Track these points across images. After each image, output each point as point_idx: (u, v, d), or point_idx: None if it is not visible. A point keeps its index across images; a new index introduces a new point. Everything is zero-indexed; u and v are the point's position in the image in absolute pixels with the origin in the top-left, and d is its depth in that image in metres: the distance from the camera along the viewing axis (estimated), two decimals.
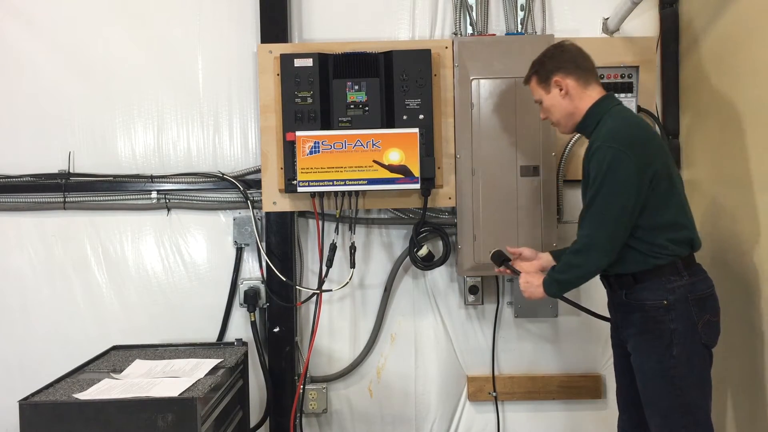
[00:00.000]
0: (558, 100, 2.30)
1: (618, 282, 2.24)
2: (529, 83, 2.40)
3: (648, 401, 2.21)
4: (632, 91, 2.88)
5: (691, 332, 2.13)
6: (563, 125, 2.35)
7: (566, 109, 2.30)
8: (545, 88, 2.32)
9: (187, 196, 3.09)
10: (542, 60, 2.35)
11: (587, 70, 2.30)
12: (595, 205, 2.16)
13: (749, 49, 2.44)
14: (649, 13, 3.03)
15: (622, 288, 2.23)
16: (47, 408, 2.10)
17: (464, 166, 2.86)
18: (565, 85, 2.28)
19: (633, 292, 2.19)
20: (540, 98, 2.36)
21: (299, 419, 3.06)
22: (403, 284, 3.14)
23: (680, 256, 2.16)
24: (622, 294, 2.23)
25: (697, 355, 2.15)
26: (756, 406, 2.48)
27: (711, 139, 2.72)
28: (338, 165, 2.74)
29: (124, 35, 3.08)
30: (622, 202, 2.11)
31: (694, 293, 2.15)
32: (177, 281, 3.13)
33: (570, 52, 2.31)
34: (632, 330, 2.23)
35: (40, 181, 3.07)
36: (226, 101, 3.11)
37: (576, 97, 2.28)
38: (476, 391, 3.12)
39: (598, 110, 2.26)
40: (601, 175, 2.12)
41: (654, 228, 2.15)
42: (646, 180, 2.12)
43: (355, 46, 2.89)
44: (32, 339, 3.10)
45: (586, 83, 2.29)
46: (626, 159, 2.10)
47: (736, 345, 2.53)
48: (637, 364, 2.22)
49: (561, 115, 2.32)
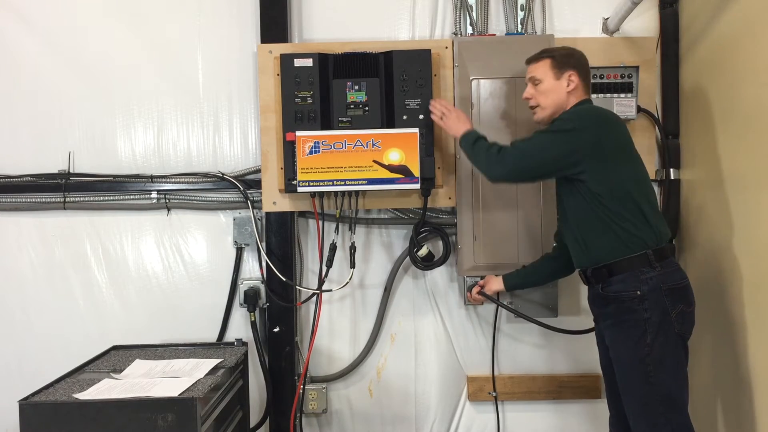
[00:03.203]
0: (561, 90, 2.41)
1: (594, 276, 2.33)
2: (537, 62, 2.47)
3: (625, 391, 2.28)
4: (632, 91, 2.88)
5: (664, 322, 2.20)
6: (547, 112, 2.45)
7: (561, 100, 2.42)
8: (556, 74, 2.42)
9: (187, 196, 3.09)
10: (563, 52, 2.46)
11: (589, 83, 2.48)
12: (531, 138, 2.34)
13: (749, 49, 2.44)
14: (649, 13, 3.03)
15: (598, 281, 2.32)
16: (47, 408, 2.09)
17: (464, 166, 2.86)
18: (574, 83, 2.41)
19: (608, 284, 2.27)
20: (542, 78, 2.44)
21: (299, 419, 3.06)
22: (403, 284, 3.14)
23: (651, 248, 2.23)
24: (599, 287, 2.32)
25: (671, 345, 2.22)
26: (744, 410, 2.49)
27: (711, 139, 2.72)
28: (338, 165, 2.74)
29: (124, 35, 3.08)
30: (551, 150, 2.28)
31: (667, 284, 2.22)
32: (177, 281, 3.13)
33: (586, 61, 2.47)
34: (608, 321, 2.32)
35: (40, 181, 3.07)
36: (226, 101, 3.11)
37: (572, 96, 2.42)
38: (476, 391, 3.12)
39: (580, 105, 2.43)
40: (557, 124, 2.32)
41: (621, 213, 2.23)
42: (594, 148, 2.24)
43: (355, 46, 2.89)
44: (32, 339, 3.10)
45: (585, 91, 2.45)
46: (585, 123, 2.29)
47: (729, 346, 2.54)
48: (615, 356, 2.29)
49: (552, 103, 2.44)
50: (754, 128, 2.42)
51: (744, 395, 2.49)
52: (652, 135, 3.02)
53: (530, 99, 2.48)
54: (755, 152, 2.42)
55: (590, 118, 2.31)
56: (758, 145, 2.39)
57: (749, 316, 2.45)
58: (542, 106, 2.45)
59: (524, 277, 2.70)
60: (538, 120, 2.50)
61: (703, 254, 2.80)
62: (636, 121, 2.92)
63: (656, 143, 3.03)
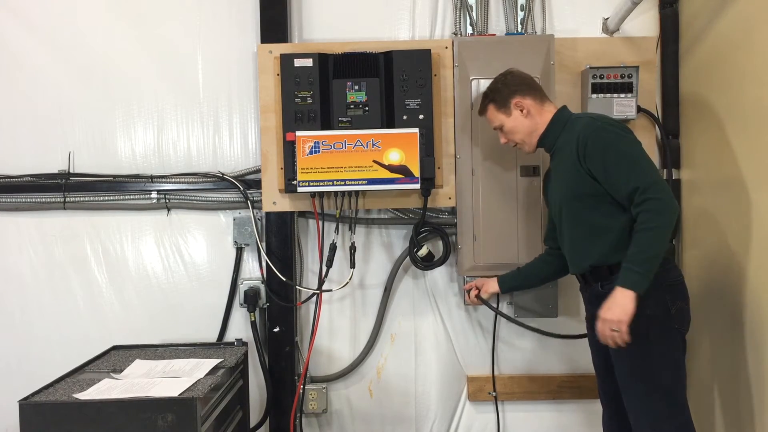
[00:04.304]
0: (520, 120, 2.42)
1: (593, 275, 2.32)
2: (485, 113, 2.51)
3: (626, 388, 2.27)
4: (632, 91, 2.88)
5: (665, 318, 2.21)
6: (527, 143, 2.47)
7: (528, 127, 2.42)
8: (505, 112, 2.44)
9: (187, 196, 3.09)
10: (495, 88, 2.47)
11: (539, 90, 2.46)
12: (622, 163, 2.17)
13: (749, 49, 2.44)
14: (649, 13, 3.03)
15: (597, 280, 2.31)
16: (47, 408, 2.09)
17: (464, 166, 2.86)
18: (525, 105, 2.41)
19: (609, 282, 2.22)
20: (501, 123, 2.47)
21: (299, 419, 3.06)
22: (403, 284, 3.14)
23: None
24: (598, 285, 2.30)
25: (672, 340, 2.23)
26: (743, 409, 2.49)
27: (711, 139, 2.72)
28: (338, 165, 2.74)
29: (124, 35, 3.08)
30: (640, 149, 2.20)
31: (668, 280, 2.22)
32: (177, 281, 3.13)
33: (520, 76, 2.46)
34: None
35: (40, 181, 3.07)
36: (226, 101, 3.11)
37: (536, 114, 2.41)
38: (476, 391, 3.12)
39: (561, 116, 2.40)
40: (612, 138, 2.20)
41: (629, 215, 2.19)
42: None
43: (355, 46, 2.89)
44: (32, 339, 3.11)
45: (542, 101, 2.43)
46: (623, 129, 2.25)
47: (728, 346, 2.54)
48: (615, 352, 2.25)
49: (524, 134, 2.44)
50: (754, 128, 2.42)
51: (743, 394, 2.49)
52: (652, 135, 3.02)
53: (507, 143, 2.51)
54: (755, 152, 2.42)
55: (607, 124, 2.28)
56: (758, 144, 2.39)
57: (749, 315, 2.45)
58: (519, 141, 2.47)
59: (519, 280, 2.70)
60: (528, 152, 2.53)
61: (703, 254, 2.81)
62: (636, 121, 2.92)
63: (656, 143, 3.03)
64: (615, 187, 2.19)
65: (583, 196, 2.27)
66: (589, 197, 2.26)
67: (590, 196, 2.25)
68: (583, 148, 2.22)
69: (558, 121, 2.39)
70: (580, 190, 2.27)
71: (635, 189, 2.12)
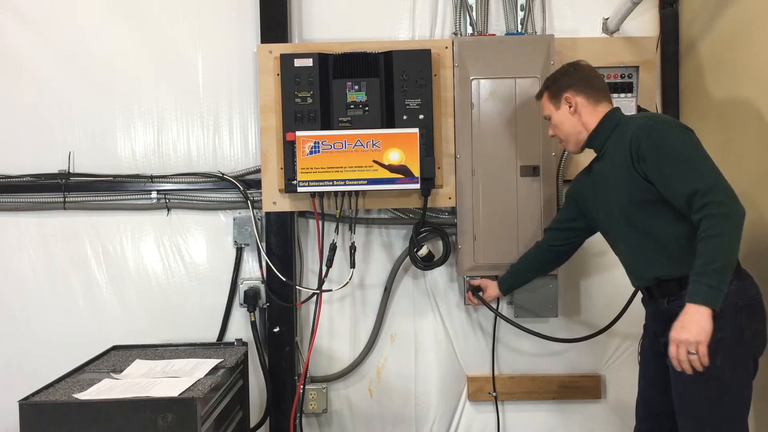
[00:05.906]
0: (566, 116, 2.31)
1: (661, 289, 2.13)
2: (541, 98, 2.43)
3: (684, 409, 2.09)
4: (632, 91, 2.88)
5: (737, 342, 1.99)
6: (571, 142, 2.35)
7: (574, 126, 2.31)
8: (555, 104, 2.34)
9: (187, 196, 3.09)
10: (555, 76, 2.37)
11: (599, 90, 2.30)
12: (679, 164, 1.97)
13: (749, 49, 2.45)
14: (649, 13, 3.03)
15: (664, 296, 2.12)
16: (47, 408, 2.09)
17: (464, 166, 2.86)
18: (575, 102, 2.29)
19: (678, 298, 2.01)
20: (549, 114, 2.38)
21: (299, 419, 3.06)
22: (403, 284, 3.14)
23: None
24: (664, 302, 2.12)
25: (742, 366, 2.02)
26: None
27: (711, 139, 2.72)
28: (338, 165, 2.74)
29: (125, 35, 3.08)
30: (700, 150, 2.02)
31: (744, 299, 2.01)
32: (177, 281, 3.13)
33: (584, 70, 2.32)
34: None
35: (40, 181, 3.07)
36: (226, 101, 3.11)
37: (584, 114, 2.28)
38: (476, 391, 3.12)
39: (612, 117, 2.26)
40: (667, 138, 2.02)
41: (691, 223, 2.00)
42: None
43: (355, 46, 2.89)
44: (32, 339, 3.10)
45: (596, 102, 2.28)
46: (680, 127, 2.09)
47: None
48: (677, 372, 1.99)
49: (568, 132, 2.33)
50: (754, 128, 2.42)
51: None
52: None
53: (554, 136, 2.41)
54: (755, 152, 2.42)
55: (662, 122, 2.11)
56: (758, 144, 2.39)
57: None
58: (564, 138, 2.36)
59: (516, 277, 2.71)
60: (572, 152, 2.45)
61: None
62: None
63: None
64: (671, 192, 2.00)
65: (641, 202, 2.10)
66: (648, 204, 2.08)
67: (649, 203, 2.08)
68: (636, 149, 2.06)
69: (608, 121, 2.24)
70: (637, 196, 2.10)
71: (694, 192, 1.92)
